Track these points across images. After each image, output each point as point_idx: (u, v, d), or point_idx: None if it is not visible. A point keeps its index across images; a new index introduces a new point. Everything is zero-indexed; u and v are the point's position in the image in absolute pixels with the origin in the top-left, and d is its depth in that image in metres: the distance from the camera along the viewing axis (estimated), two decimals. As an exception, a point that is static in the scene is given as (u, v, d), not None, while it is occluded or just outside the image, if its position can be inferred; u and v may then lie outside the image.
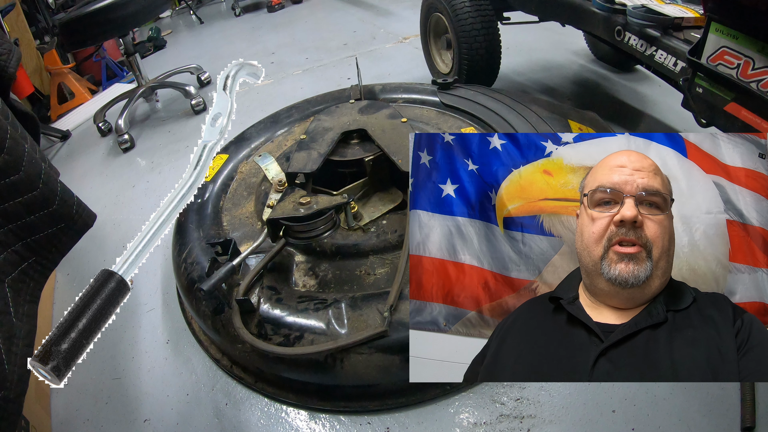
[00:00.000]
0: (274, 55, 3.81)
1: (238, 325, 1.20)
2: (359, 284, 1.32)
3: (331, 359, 1.16)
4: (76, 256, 1.91)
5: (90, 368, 1.47)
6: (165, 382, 1.40)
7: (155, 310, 1.64)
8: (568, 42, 2.97)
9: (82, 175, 2.63)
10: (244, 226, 1.59)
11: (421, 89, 2.12)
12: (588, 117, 1.81)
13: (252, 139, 2.04)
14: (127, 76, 3.99)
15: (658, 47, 1.47)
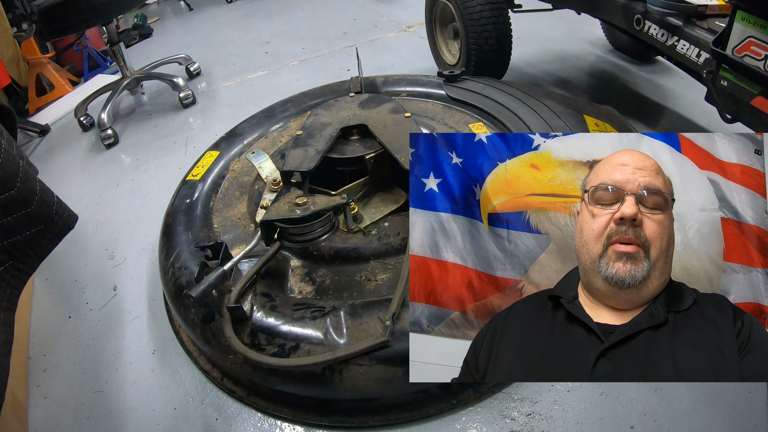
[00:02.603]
0: (269, 44, 3.82)
1: (229, 335, 1.21)
2: (359, 291, 1.32)
3: (329, 371, 1.16)
4: (55, 260, 1.92)
5: (70, 381, 1.47)
6: (151, 395, 1.40)
7: (140, 318, 1.65)
8: (583, 31, 2.98)
9: (62, 173, 2.63)
10: (236, 229, 1.59)
11: (426, 82, 2.12)
12: (605, 112, 1.81)
13: (245, 135, 2.05)
14: (110, 67, 4.00)
15: (680, 37, 1.48)
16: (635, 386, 1.17)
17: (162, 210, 1.78)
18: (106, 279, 1.83)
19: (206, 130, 2.72)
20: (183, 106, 3.03)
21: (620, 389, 1.18)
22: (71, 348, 1.58)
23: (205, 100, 3.09)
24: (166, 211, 1.73)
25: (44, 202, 1.05)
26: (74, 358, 1.55)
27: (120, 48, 3.06)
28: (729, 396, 1.13)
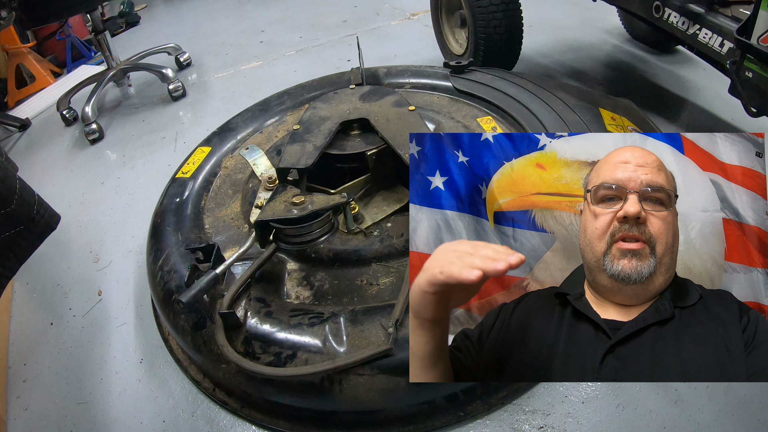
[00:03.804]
0: (264, 33, 3.82)
1: (221, 343, 1.21)
2: (360, 296, 1.33)
3: (328, 381, 1.16)
4: (36, 263, 1.92)
5: (52, 391, 1.48)
6: (138, 407, 1.40)
7: (127, 324, 1.65)
8: (599, 19, 2.98)
9: (43, 171, 2.64)
10: (229, 229, 1.59)
11: (431, 73, 2.12)
12: (622, 105, 1.81)
13: (238, 130, 2.05)
14: (95, 57, 4.01)
15: (702, 25, 1.47)
16: (654, 397, 1.17)
17: (150, 210, 1.78)
18: (90, 283, 1.83)
19: (197, 124, 2.72)
20: (172, 98, 3.03)
21: (638, 400, 1.18)
22: (53, 356, 1.58)
23: (196, 93, 3.10)
24: (155, 210, 1.73)
25: (24, 201, 1.05)
26: (56, 367, 1.55)
27: (105, 37, 3.06)
28: (754, 408, 1.13)
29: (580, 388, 1.22)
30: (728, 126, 2.02)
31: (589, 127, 1.60)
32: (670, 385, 1.19)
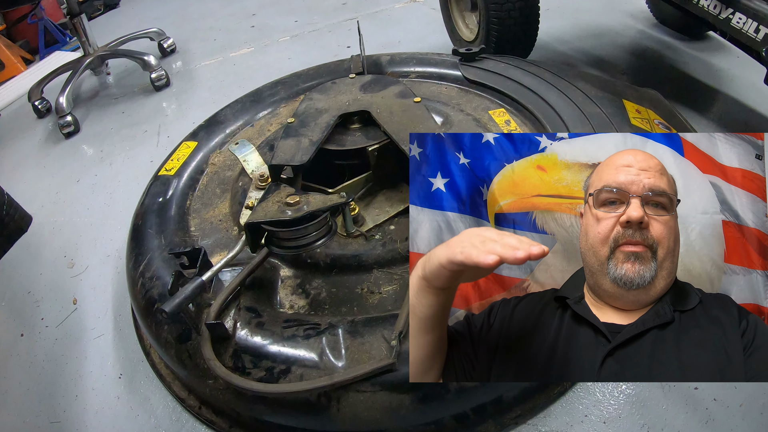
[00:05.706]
0: (255, 17, 3.83)
1: (208, 356, 1.21)
2: (360, 305, 1.33)
3: (325, 399, 1.16)
4: (5, 268, 1.93)
5: (23, 409, 1.48)
6: (117, 426, 1.41)
7: (105, 336, 1.65)
8: (623, 2, 2.98)
9: (13, 167, 2.65)
10: (217, 232, 1.60)
11: (438, 61, 2.12)
12: (648, 96, 1.81)
13: (227, 123, 2.06)
14: (70, 43, 4.02)
15: (736, 9, 1.48)
16: (683, 416, 1.17)
17: (130, 210, 1.79)
18: (64, 291, 1.83)
19: (182, 116, 2.73)
20: (155, 88, 3.04)
21: (665, 420, 1.18)
22: (24, 371, 1.59)
23: (181, 82, 3.11)
24: (135, 211, 1.73)
25: (-6, 201, 1.05)
26: (27, 383, 1.55)
27: (81, 20, 3.07)
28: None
29: (602, 407, 1.23)
30: (765, 119, 2.01)
31: (611, 121, 1.60)
32: (701, 404, 1.19)
